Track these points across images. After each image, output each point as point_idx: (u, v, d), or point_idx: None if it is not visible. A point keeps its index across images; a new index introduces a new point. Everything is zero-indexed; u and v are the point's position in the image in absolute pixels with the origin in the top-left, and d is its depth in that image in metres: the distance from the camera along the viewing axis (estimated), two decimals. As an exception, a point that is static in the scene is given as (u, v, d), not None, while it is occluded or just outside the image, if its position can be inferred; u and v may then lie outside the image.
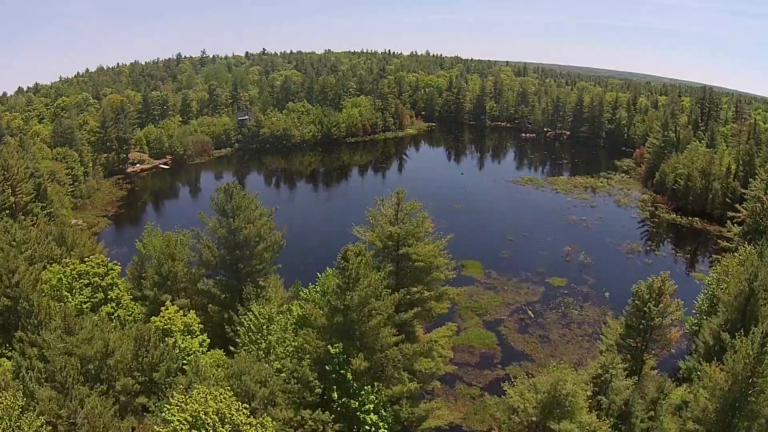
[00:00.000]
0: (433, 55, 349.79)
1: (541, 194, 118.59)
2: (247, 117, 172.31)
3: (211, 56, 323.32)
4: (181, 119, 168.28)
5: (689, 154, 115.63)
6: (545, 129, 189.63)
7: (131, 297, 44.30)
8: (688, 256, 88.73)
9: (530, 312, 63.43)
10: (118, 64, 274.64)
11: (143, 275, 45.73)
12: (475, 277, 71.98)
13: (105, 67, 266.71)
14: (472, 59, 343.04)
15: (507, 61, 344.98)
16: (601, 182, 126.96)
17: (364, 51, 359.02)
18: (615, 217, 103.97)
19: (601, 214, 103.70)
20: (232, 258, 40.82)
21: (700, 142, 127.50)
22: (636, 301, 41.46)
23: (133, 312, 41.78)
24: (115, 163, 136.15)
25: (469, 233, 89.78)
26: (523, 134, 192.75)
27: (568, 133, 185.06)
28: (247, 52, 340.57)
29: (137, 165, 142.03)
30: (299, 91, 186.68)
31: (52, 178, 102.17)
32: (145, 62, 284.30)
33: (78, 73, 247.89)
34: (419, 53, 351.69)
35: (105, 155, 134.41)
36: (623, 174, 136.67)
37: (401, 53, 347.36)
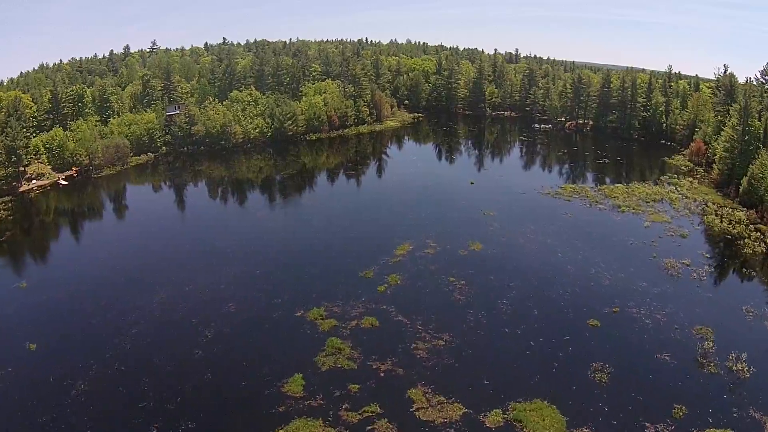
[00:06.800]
0: (415, 43, 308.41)
1: (600, 215, 78.02)
2: (177, 111, 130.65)
3: (163, 48, 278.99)
4: (99, 119, 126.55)
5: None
6: (562, 118, 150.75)
7: None
8: None
9: None
10: (60, 60, 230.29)
11: None
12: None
13: (44, 65, 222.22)
14: (457, 47, 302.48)
15: (495, 49, 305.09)
16: (672, 192, 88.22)
17: (337, 39, 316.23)
18: (721, 252, 65.31)
19: (702, 249, 64.52)
20: None
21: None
22: None
23: None
24: (4, 181, 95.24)
25: (513, 321, 47.73)
26: (536, 125, 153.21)
27: (592, 122, 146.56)
28: (206, 43, 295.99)
29: (34, 181, 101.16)
30: (247, 75, 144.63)
31: None
32: (86, 57, 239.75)
33: (21, 72, 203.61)
34: (399, 42, 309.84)
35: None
36: (689, 178, 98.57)
37: (379, 42, 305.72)
